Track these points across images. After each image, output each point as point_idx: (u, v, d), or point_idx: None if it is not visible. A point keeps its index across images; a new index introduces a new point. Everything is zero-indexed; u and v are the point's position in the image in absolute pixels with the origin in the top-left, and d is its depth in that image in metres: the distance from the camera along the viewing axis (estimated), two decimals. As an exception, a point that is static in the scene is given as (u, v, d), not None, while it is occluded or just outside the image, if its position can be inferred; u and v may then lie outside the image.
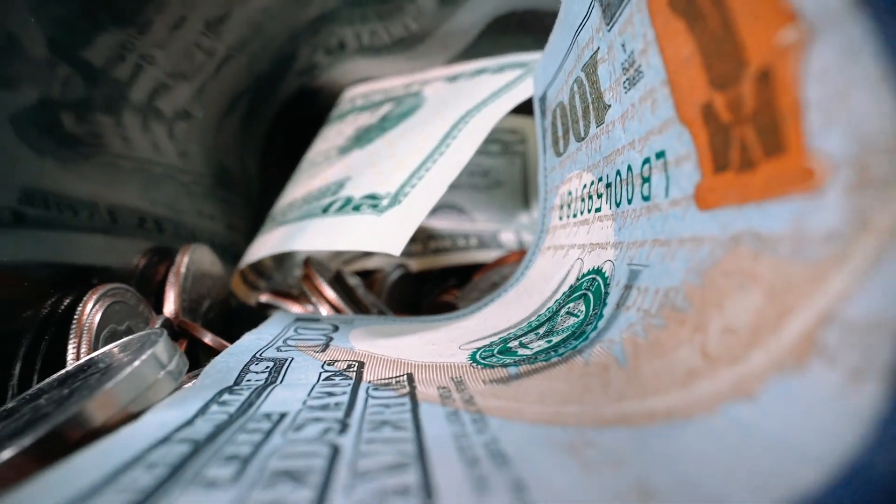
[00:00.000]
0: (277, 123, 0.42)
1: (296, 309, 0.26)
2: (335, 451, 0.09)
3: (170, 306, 0.23)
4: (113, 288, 0.20)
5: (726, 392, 0.08)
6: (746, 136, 0.09)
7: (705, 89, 0.10)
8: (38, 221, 0.21)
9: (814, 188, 0.08)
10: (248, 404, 0.12)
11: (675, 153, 0.12)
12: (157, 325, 0.20)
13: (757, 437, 0.07)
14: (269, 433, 0.10)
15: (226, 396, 0.12)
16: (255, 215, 0.40)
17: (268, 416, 0.11)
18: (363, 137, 0.30)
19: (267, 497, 0.07)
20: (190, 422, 0.11)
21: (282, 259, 0.35)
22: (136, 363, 0.12)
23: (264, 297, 0.27)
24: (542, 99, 0.23)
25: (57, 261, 0.22)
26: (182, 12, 0.29)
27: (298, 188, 0.30)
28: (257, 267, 0.32)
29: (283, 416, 0.11)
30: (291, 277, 0.35)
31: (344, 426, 0.10)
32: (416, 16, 0.35)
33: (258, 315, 0.29)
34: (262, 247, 0.27)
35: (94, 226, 0.24)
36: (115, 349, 0.15)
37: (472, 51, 0.37)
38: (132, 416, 0.12)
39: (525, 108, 0.26)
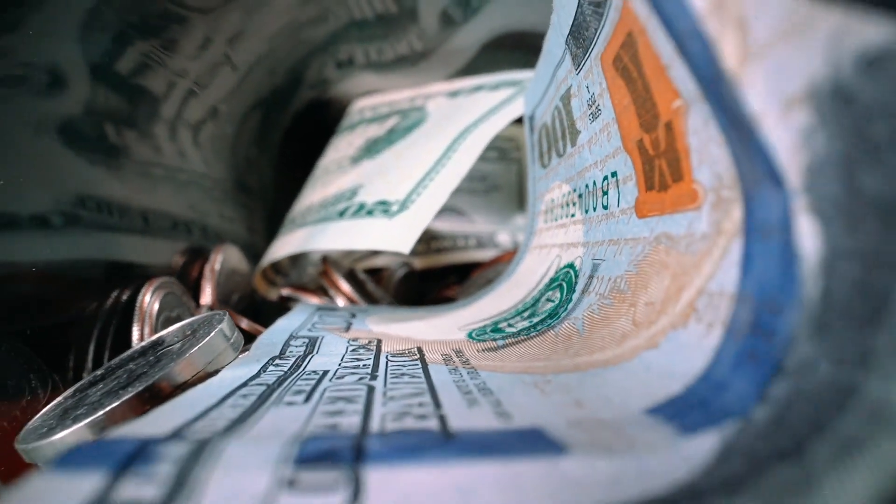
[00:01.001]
0: (291, 132, 0.46)
1: (314, 301, 0.30)
2: (370, 389, 0.13)
3: (207, 298, 0.27)
4: (164, 281, 0.24)
5: (642, 345, 0.12)
6: (662, 166, 0.13)
7: (638, 130, 0.14)
8: (91, 223, 0.25)
9: (697, 205, 0.12)
10: (296, 366, 0.16)
11: (623, 174, 0.16)
12: (202, 313, 0.24)
13: (653, 370, 0.11)
14: (318, 381, 0.14)
15: (277, 361, 0.16)
16: (271, 218, 0.44)
17: (314, 372, 0.15)
18: (373, 148, 0.34)
19: (332, 409, 0.11)
20: (257, 375, 0.15)
21: (297, 258, 0.39)
22: (210, 336, 0.16)
23: (286, 291, 0.31)
24: (531, 118, 0.27)
25: (110, 259, 0.26)
26: (207, 33, 0.33)
27: (315, 194, 0.34)
28: (276, 265, 0.36)
29: (325, 372, 0.15)
30: (305, 275, 0.39)
31: (373, 376, 0.14)
32: (419, 36, 0.39)
33: (278, 308, 0.33)
34: (285, 246, 0.31)
35: (136, 227, 0.28)
36: (180, 329, 0.19)
37: (471, 66, 0.41)
38: (208, 375, 0.16)
39: (521, 118, 0.29)
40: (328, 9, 0.38)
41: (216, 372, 0.16)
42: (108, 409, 0.14)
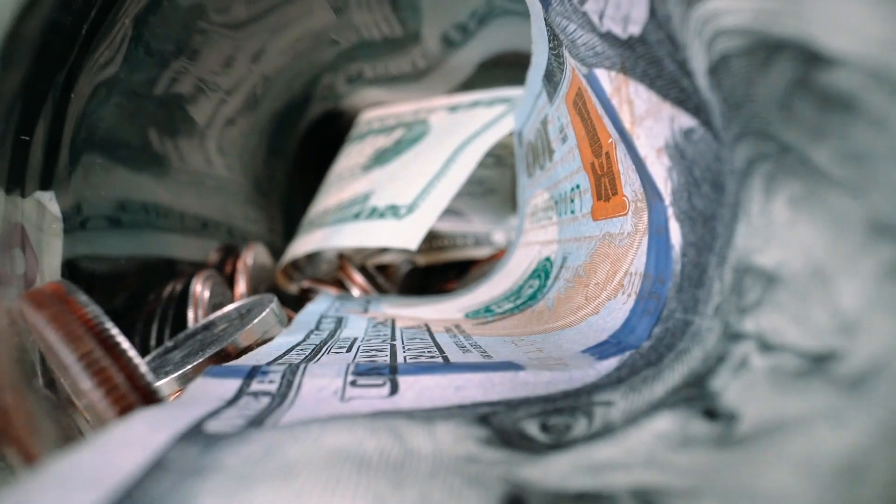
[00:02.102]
0: (305, 140, 0.51)
1: (332, 292, 0.35)
2: (392, 346, 0.18)
3: (242, 288, 0.32)
4: (210, 273, 0.29)
5: (589, 312, 0.17)
6: (605, 183, 0.18)
7: (591, 155, 0.19)
8: (145, 224, 0.30)
9: (625, 212, 0.17)
10: (330, 335, 0.21)
11: (583, 187, 0.21)
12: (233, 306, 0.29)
13: (593, 327, 0.16)
14: (352, 343, 0.19)
15: (315, 332, 0.21)
16: (287, 219, 0.49)
17: (346, 338, 0.20)
18: (382, 158, 0.39)
19: (368, 355, 0.16)
20: (304, 340, 0.20)
21: (312, 256, 0.44)
22: (264, 313, 0.21)
23: (307, 283, 0.36)
24: (520, 134, 0.32)
25: (163, 255, 0.31)
26: (232, 52, 0.38)
27: (330, 198, 0.39)
28: (294, 262, 0.41)
29: (355, 338, 0.20)
30: (319, 270, 0.44)
31: (393, 339, 0.19)
32: (422, 55, 0.44)
33: (297, 299, 0.38)
34: (305, 244, 0.36)
35: (176, 227, 0.34)
36: (234, 310, 0.24)
37: (469, 82, 0.46)
38: (264, 342, 0.21)
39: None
40: (341, 31, 0.43)
41: (270, 339, 0.21)
42: (194, 364, 0.19)
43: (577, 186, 0.21)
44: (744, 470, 0.08)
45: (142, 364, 0.11)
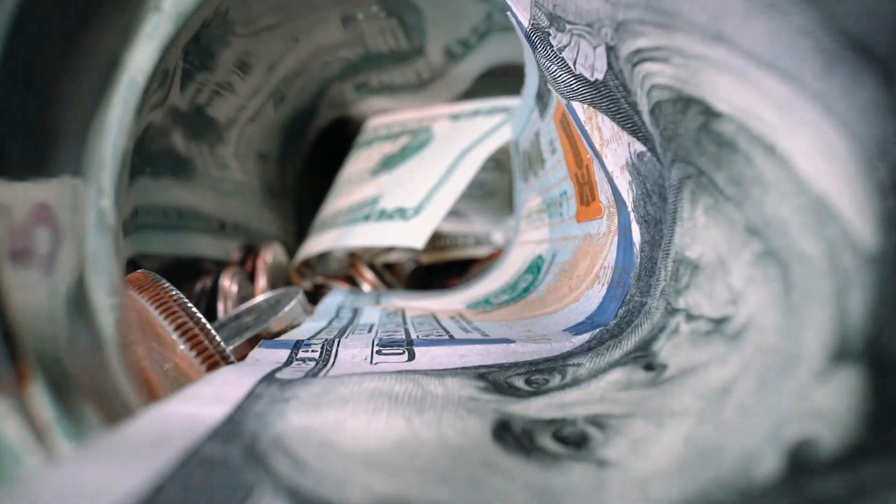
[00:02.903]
0: (315, 145, 0.54)
1: (344, 287, 0.38)
2: (406, 329, 0.21)
3: (262, 284, 0.36)
4: (235, 270, 0.32)
5: (571, 300, 0.21)
6: (586, 190, 0.22)
7: (574, 166, 0.22)
8: (178, 226, 0.34)
9: (601, 216, 0.20)
10: (349, 322, 0.24)
11: (569, 193, 0.24)
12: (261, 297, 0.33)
13: (573, 312, 0.20)
14: (371, 328, 0.22)
15: (336, 320, 0.25)
16: (299, 220, 0.53)
17: (365, 324, 0.23)
18: (388, 164, 0.43)
19: (388, 332, 0.20)
20: (328, 325, 0.23)
21: (323, 255, 0.47)
22: (292, 303, 0.25)
23: (320, 280, 0.39)
24: (516, 143, 0.35)
25: (192, 253, 0.34)
26: (250, 61, 0.41)
27: (341, 200, 0.43)
28: (307, 261, 0.44)
29: (372, 324, 0.23)
30: (329, 269, 0.47)
31: (405, 324, 0.22)
32: (426, 66, 0.48)
33: (310, 296, 0.41)
34: (318, 244, 0.39)
35: (201, 228, 0.37)
36: (264, 301, 0.27)
37: (470, 91, 0.49)
38: (292, 328, 0.24)
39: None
40: (350, 44, 0.46)
41: (297, 326, 0.24)
42: (235, 345, 0.22)
43: (565, 192, 0.25)
44: (662, 399, 0.11)
45: (217, 334, 0.15)
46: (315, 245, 0.40)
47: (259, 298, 0.28)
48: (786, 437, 0.08)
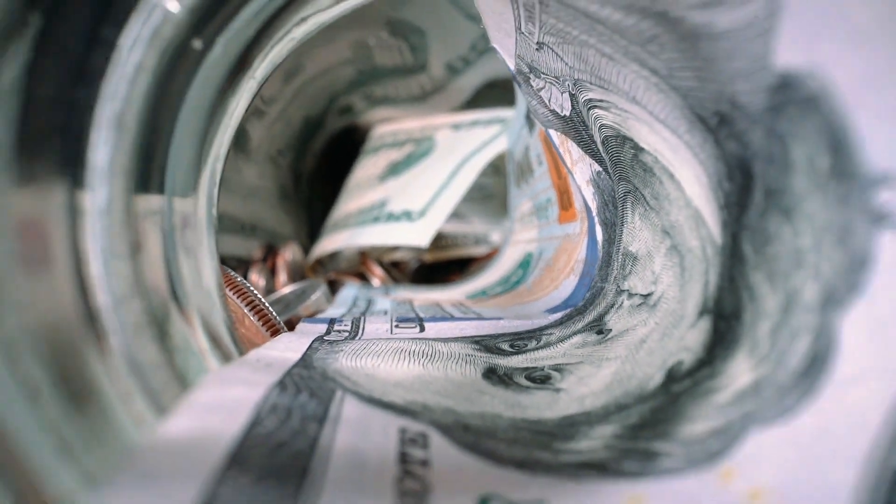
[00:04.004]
0: (324, 152, 0.59)
1: (355, 282, 0.43)
2: (416, 312, 0.26)
3: (282, 279, 0.41)
4: (261, 266, 0.37)
5: (552, 289, 0.26)
6: (564, 198, 0.26)
7: (556, 177, 0.27)
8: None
9: (576, 220, 0.25)
10: (366, 309, 0.29)
11: (552, 200, 0.29)
12: (287, 289, 0.38)
13: (552, 297, 0.25)
14: (385, 312, 0.27)
15: (354, 307, 0.30)
16: (310, 222, 0.58)
17: (380, 310, 0.28)
18: (395, 170, 0.48)
19: (401, 318, 0.24)
20: (348, 311, 0.28)
21: (334, 254, 0.52)
22: (319, 294, 0.29)
23: (333, 275, 0.44)
24: (511, 153, 0.40)
25: (222, 252, 0.39)
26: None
27: (351, 203, 0.48)
28: (319, 259, 0.49)
29: (386, 310, 0.28)
30: (339, 266, 0.52)
31: (414, 311, 0.27)
32: (428, 79, 0.52)
33: (324, 290, 0.46)
34: (333, 243, 0.44)
35: (228, 229, 0.42)
36: (290, 292, 0.32)
37: (469, 102, 0.54)
38: (317, 313, 0.29)
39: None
40: (359, 61, 0.51)
41: (321, 312, 0.29)
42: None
43: (549, 199, 0.30)
44: (604, 351, 0.16)
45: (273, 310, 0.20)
46: (329, 244, 0.45)
47: (285, 290, 0.33)
48: (667, 363, 0.13)
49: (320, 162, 0.60)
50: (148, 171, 0.11)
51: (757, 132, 0.10)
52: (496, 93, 0.54)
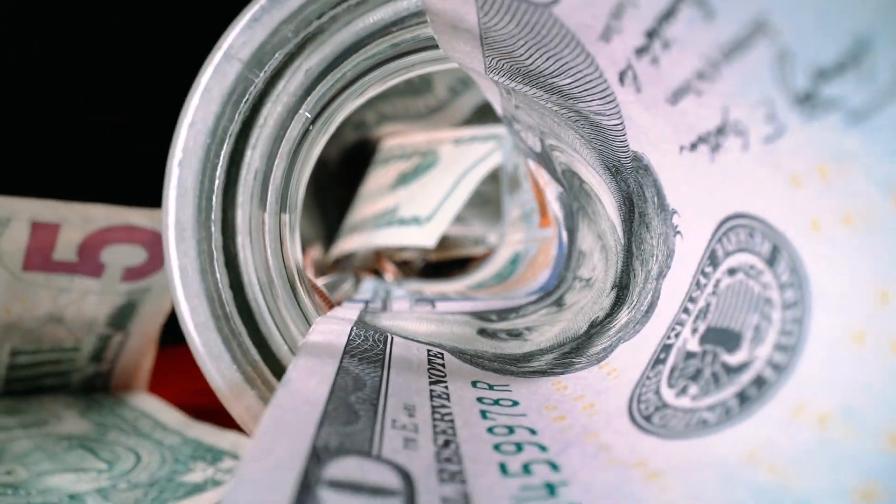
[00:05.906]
0: (339, 162, 0.68)
1: (370, 278, 0.52)
2: (428, 297, 0.34)
3: (310, 275, 0.49)
4: (294, 263, 0.46)
5: (532, 279, 0.34)
6: (543, 207, 0.35)
7: (537, 192, 0.36)
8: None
9: (551, 225, 0.33)
10: (386, 296, 0.37)
11: (535, 208, 0.37)
12: (321, 280, 0.46)
13: (532, 285, 0.33)
14: (403, 297, 0.35)
15: (376, 295, 0.38)
16: (326, 224, 0.66)
17: (399, 295, 0.37)
18: (404, 180, 0.56)
19: (417, 300, 0.33)
20: (371, 299, 0.36)
21: (350, 254, 0.60)
22: (349, 284, 0.38)
23: (353, 271, 0.53)
24: (504, 167, 0.49)
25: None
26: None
27: (365, 209, 0.56)
28: (338, 258, 0.57)
29: (402, 296, 0.36)
30: (353, 264, 0.60)
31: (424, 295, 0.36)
32: (433, 98, 0.61)
33: (342, 285, 0.54)
34: (349, 244, 0.53)
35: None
36: (326, 283, 0.40)
37: (470, 118, 0.63)
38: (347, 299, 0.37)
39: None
40: (371, 81, 0.59)
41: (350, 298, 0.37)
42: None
43: (533, 207, 0.38)
44: (559, 317, 0.24)
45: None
46: (346, 245, 0.53)
47: (321, 281, 0.41)
48: (590, 318, 0.21)
49: (335, 172, 0.68)
50: (284, 200, 0.19)
51: (630, 180, 0.19)
52: (491, 112, 0.62)
